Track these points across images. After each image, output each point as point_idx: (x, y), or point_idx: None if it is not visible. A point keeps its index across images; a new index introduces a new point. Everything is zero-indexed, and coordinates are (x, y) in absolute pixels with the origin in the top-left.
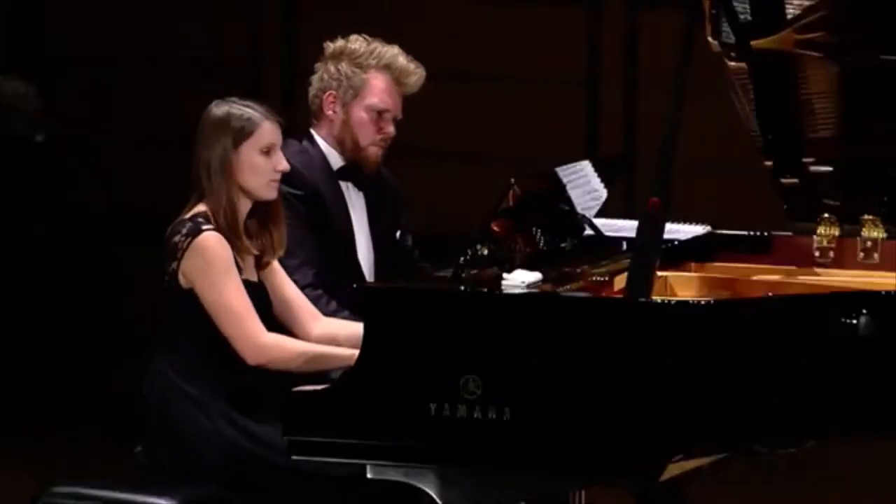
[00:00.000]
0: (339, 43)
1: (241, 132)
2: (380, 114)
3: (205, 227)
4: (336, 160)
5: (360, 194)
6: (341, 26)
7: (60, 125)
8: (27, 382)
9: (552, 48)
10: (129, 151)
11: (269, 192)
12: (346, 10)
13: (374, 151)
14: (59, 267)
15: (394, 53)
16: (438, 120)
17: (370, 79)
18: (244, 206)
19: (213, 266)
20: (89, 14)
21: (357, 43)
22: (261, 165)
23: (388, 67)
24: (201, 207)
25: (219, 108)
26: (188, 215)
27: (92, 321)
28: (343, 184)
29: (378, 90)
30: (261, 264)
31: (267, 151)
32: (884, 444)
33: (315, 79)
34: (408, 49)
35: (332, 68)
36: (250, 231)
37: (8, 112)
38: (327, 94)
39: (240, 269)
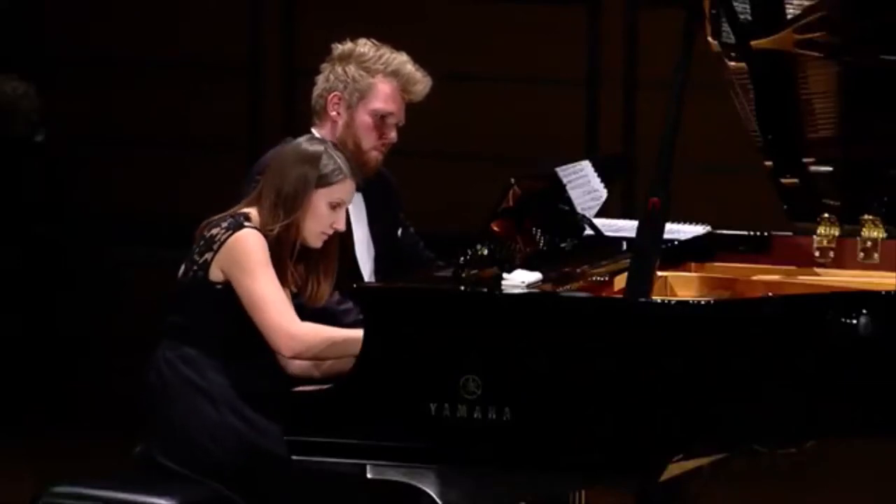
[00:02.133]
0: (348, 45)
1: (325, 178)
2: (383, 119)
3: (247, 224)
4: None
5: (359, 194)
6: (341, 26)
7: (60, 125)
8: (27, 382)
9: (552, 48)
10: (129, 151)
11: (316, 242)
12: (345, 10)
13: (374, 156)
14: (59, 267)
15: (402, 60)
16: (438, 120)
17: (377, 83)
18: (295, 244)
19: (252, 257)
20: (89, 14)
21: (366, 47)
22: (323, 216)
23: (395, 74)
24: (248, 210)
25: (313, 146)
26: (228, 212)
27: (92, 321)
28: None
29: (383, 95)
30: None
31: (335, 206)
32: (884, 444)
33: (320, 79)
34: (407, 49)
35: (339, 70)
36: (299, 271)
37: (8, 112)
38: (332, 94)
39: None
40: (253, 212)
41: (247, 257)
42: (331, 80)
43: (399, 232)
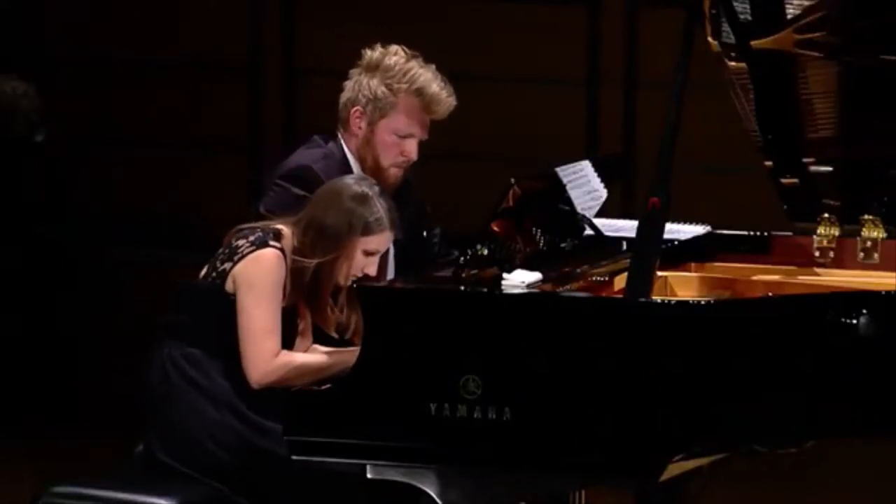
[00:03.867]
0: (378, 54)
1: (366, 226)
2: (403, 138)
3: (272, 242)
4: (357, 168)
5: None
6: (341, 26)
7: (60, 125)
8: (27, 382)
9: (552, 48)
10: (129, 151)
11: (344, 282)
12: (346, 10)
13: (394, 172)
14: (59, 267)
15: (427, 78)
16: (439, 120)
17: (399, 102)
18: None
19: (264, 279)
20: (89, 14)
21: (395, 58)
22: (357, 261)
23: (419, 92)
24: (282, 227)
25: (363, 188)
26: (260, 224)
27: (92, 321)
28: None
29: (405, 115)
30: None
31: (369, 254)
32: (884, 444)
33: (348, 85)
34: (408, 49)
35: (364, 81)
36: (337, 304)
37: (8, 112)
38: (354, 108)
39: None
40: (287, 231)
41: (260, 279)
42: (355, 92)
43: (425, 234)
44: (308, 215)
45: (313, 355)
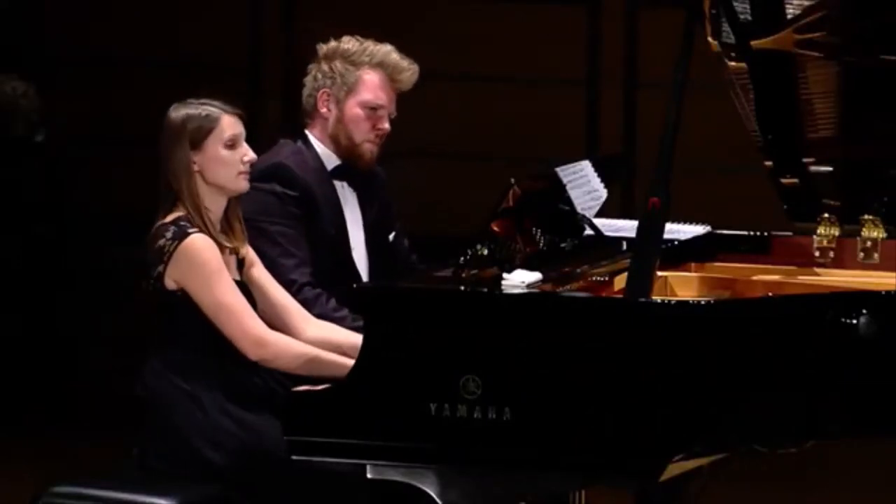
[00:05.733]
0: (332, 43)
1: (201, 131)
2: (374, 110)
3: (190, 229)
4: (330, 160)
5: (355, 194)
6: (341, 27)
7: (60, 125)
8: (27, 382)
9: (552, 48)
10: (128, 151)
11: (241, 184)
12: (345, 10)
13: (368, 148)
14: (59, 267)
15: (386, 51)
16: (439, 120)
17: (363, 75)
18: (218, 205)
19: (205, 267)
20: (89, 14)
21: (350, 43)
22: (227, 158)
23: (381, 64)
24: (180, 212)
25: (177, 112)
26: (169, 219)
27: (92, 321)
28: (337, 183)
29: (372, 86)
30: (241, 263)
31: (231, 145)
32: (884, 444)
33: (308, 79)
34: (408, 49)
35: (325, 67)
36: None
37: (8, 112)
38: (321, 92)
39: None
40: (180, 211)
41: (200, 268)
42: (318, 79)
43: (392, 236)
44: (164, 175)
45: (311, 347)
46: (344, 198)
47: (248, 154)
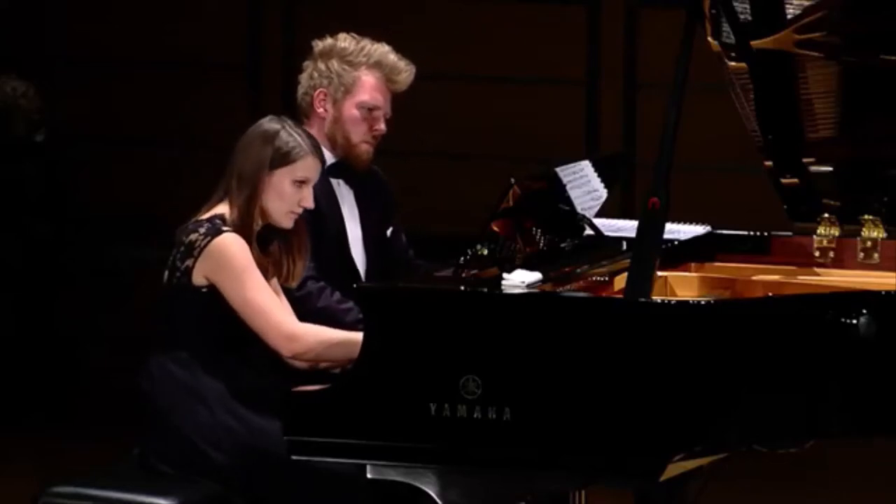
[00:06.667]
0: (328, 41)
1: (284, 156)
2: (370, 111)
3: (224, 228)
4: (326, 157)
5: (351, 191)
6: (341, 26)
7: (60, 125)
8: (27, 382)
9: (552, 48)
10: (129, 151)
11: (286, 222)
12: (345, 10)
13: (365, 149)
14: (59, 266)
15: (384, 51)
16: (438, 120)
17: (361, 76)
18: (257, 225)
19: (235, 263)
20: (89, 14)
21: (346, 41)
22: (288, 194)
23: (378, 65)
24: (221, 209)
25: (271, 125)
26: (206, 216)
27: (92, 320)
28: (333, 181)
29: (369, 87)
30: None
31: (299, 184)
32: (884, 444)
33: (304, 77)
34: (407, 49)
35: (321, 66)
36: (273, 254)
37: (8, 112)
38: (318, 91)
39: None
40: (222, 209)
41: (230, 264)
42: (315, 78)
43: (389, 232)
44: (230, 173)
45: (339, 331)
46: (340, 195)
47: (307, 201)
